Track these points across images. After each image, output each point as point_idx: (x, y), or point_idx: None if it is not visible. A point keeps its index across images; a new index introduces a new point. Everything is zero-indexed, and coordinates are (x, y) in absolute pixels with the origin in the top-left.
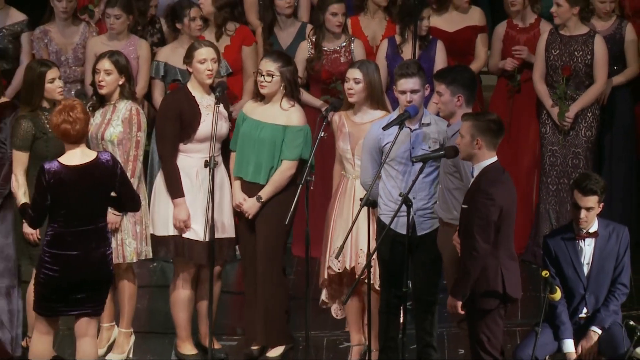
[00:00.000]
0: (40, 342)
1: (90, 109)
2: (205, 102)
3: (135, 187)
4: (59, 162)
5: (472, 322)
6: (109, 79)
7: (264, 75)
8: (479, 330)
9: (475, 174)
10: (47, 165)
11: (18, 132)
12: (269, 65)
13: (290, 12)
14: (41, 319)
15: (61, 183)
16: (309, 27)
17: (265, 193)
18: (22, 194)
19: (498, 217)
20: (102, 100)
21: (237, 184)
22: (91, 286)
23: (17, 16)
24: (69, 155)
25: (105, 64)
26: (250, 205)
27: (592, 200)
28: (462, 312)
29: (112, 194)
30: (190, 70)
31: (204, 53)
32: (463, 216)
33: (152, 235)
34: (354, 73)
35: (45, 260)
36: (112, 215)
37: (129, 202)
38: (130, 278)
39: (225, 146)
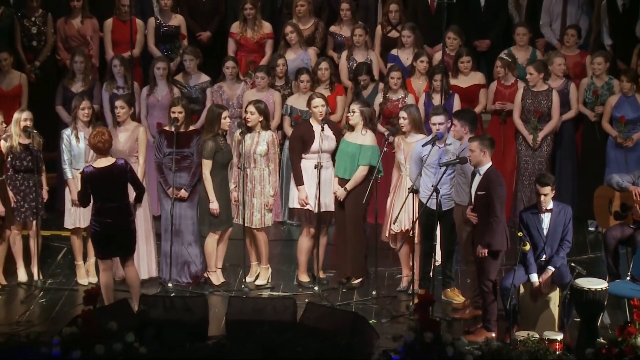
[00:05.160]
0: (105, 276)
1: (241, 134)
2: (319, 129)
3: (277, 179)
4: (92, 166)
5: (484, 260)
6: (253, 117)
7: (350, 112)
8: (487, 265)
9: (482, 172)
10: (85, 169)
11: (206, 148)
12: (353, 106)
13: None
14: (101, 262)
15: (94, 178)
16: (381, 85)
17: (349, 185)
18: (211, 187)
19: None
20: (249, 129)
21: (336, 179)
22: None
23: (204, 77)
24: (99, 162)
25: (251, 107)
26: (341, 193)
27: (547, 189)
28: (486, 255)
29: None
30: (310, 111)
31: (316, 102)
32: (481, 199)
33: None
34: (402, 113)
35: (93, 225)
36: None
37: (138, 189)
38: (264, 235)
39: (334, 156)
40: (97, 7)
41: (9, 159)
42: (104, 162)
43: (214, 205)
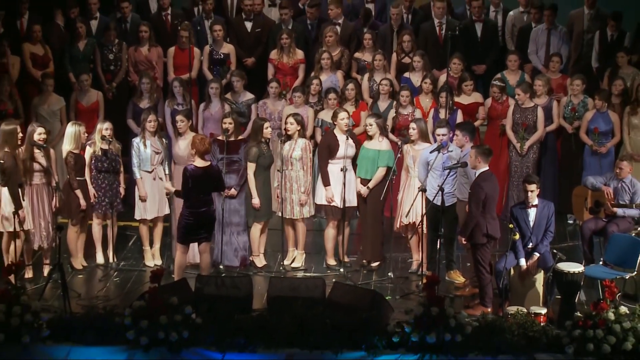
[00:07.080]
0: (181, 258)
1: (282, 141)
2: (342, 139)
3: (309, 179)
4: (194, 165)
5: (474, 250)
6: (292, 127)
7: (368, 125)
8: (477, 253)
9: (476, 175)
10: (189, 167)
11: (250, 153)
12: (369, 119)
13: (387, 92)
14: (181, 246)
15: (196, 175)
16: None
17: (371, 184)
18: (253, 185)
19: (484, 198)
20: (289, 137)
21: (358, 179)
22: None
23: (249, 95)
24: (198, 162)
25: (291, 119)
26: (364, 191)
27: (532, 186)
28: (465, 244)
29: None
30: (336, 123)
31: (342, 115)
32: (469, 197)
33: (315, 204)
34: (412, 125)
35: (186, 215)
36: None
37: (221, 186)
38: (301, 225)
39: (354, 160)
40: (161, 37)
41: (93, 161)
42: (202, 162)
43: (255, 201)
